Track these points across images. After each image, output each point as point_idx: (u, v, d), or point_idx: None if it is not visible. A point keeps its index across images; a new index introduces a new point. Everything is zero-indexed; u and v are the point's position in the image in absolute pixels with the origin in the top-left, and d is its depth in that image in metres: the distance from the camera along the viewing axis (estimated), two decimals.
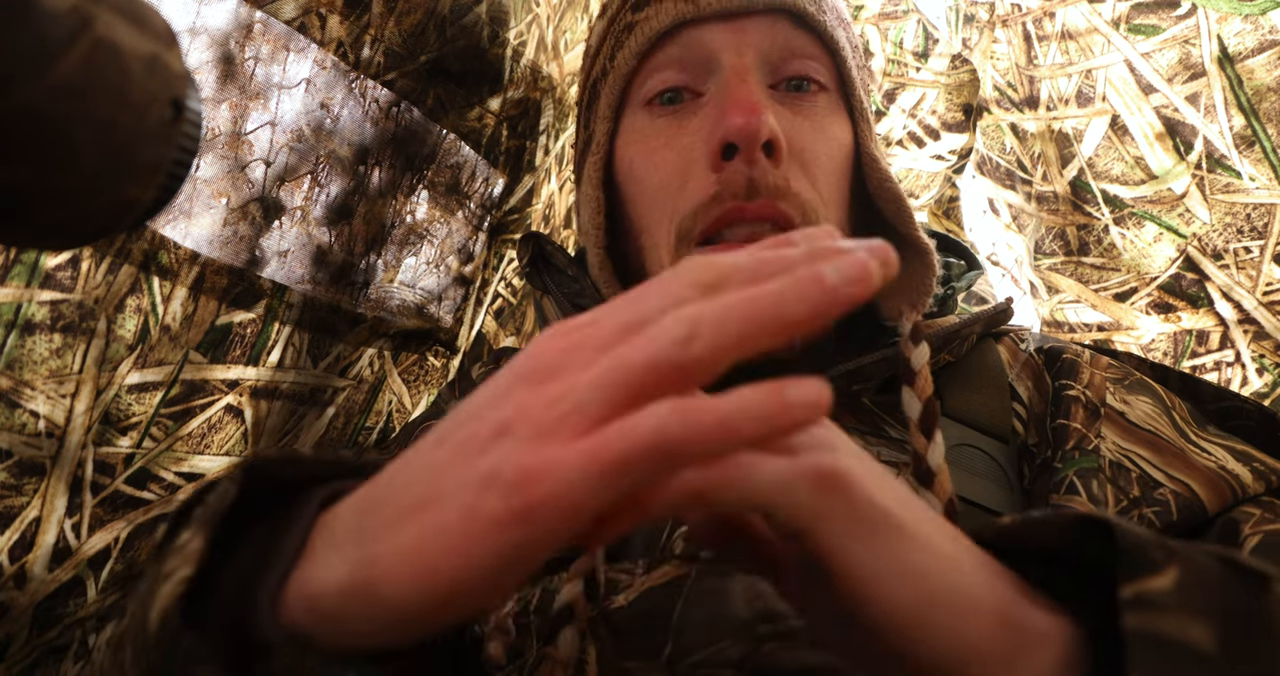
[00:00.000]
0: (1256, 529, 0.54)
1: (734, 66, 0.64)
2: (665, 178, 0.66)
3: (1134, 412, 0.63)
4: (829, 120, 0.66)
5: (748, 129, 0.60)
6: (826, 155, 0.65)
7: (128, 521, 0.69)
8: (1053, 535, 0.34)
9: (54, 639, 0.68)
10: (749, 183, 0.61)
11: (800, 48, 0.66)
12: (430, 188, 0.92)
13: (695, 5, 0.65)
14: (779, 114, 0.64)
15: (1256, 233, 0.88)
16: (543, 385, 0.30)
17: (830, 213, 0.65)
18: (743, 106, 0.60)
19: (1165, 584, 0.29)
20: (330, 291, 0.82)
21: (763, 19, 0.65)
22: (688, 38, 0.66)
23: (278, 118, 0.73)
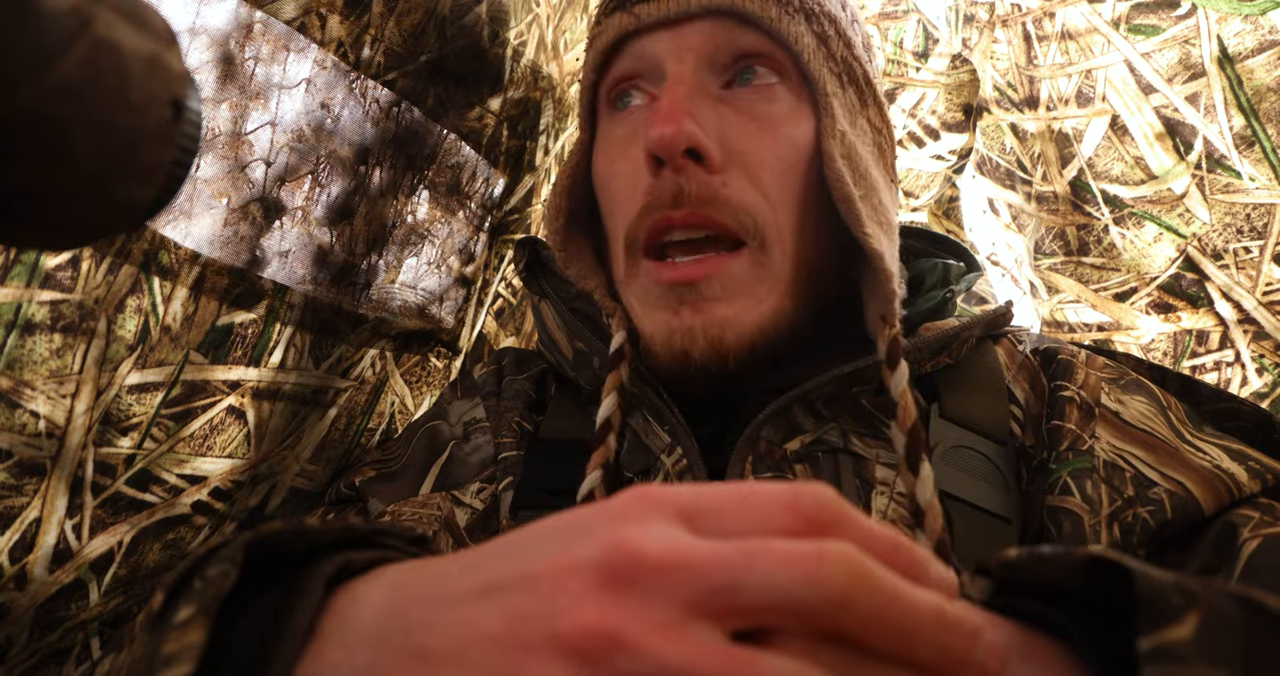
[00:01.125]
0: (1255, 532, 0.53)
1: (673, 74, 0.65)
2: (619, 185, 0.67)
3: (1129, 412, 0.63)
4: (784, 118, 0.66)
5: (664, 139, 0.60)
6: (775, 156, 0.64)
7: (130, 524, 0.69)
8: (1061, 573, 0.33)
9: (55, 642, 0.68)
10: (676, 190, 0.62)
11: (748, 45, 0.65)
12: (431, 188, 0.92)
13: (635, 17, 0.66)
14: (721, 116, 0.64)
15: (1256, 233, 0.88)
16: (618, 609, 0.27)
17: (781, 216, 0.64)
18: (662, 116, 0.61)
19: (1186, 633, 0.28)
20: (332, 292, 0.82)
21: (703, 22, 0.65)
22: (635, 48, 0.67)
23: (278, 118, 0.73)
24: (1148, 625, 0.29)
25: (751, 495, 0.30)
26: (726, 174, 0.63)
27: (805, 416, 0.64)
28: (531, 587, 0.29)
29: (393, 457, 0.78)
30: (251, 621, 0.34)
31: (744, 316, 0.63)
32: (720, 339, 0.62)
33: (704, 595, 0.27)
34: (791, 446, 0.62)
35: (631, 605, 0.27)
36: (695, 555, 0.28)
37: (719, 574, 0.27)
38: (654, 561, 0.27)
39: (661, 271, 0.63)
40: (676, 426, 0.64)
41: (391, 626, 0.31)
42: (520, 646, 0.27)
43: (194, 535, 0.75)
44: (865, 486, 0.60)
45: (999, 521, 0.60)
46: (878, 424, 0.64)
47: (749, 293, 0.63)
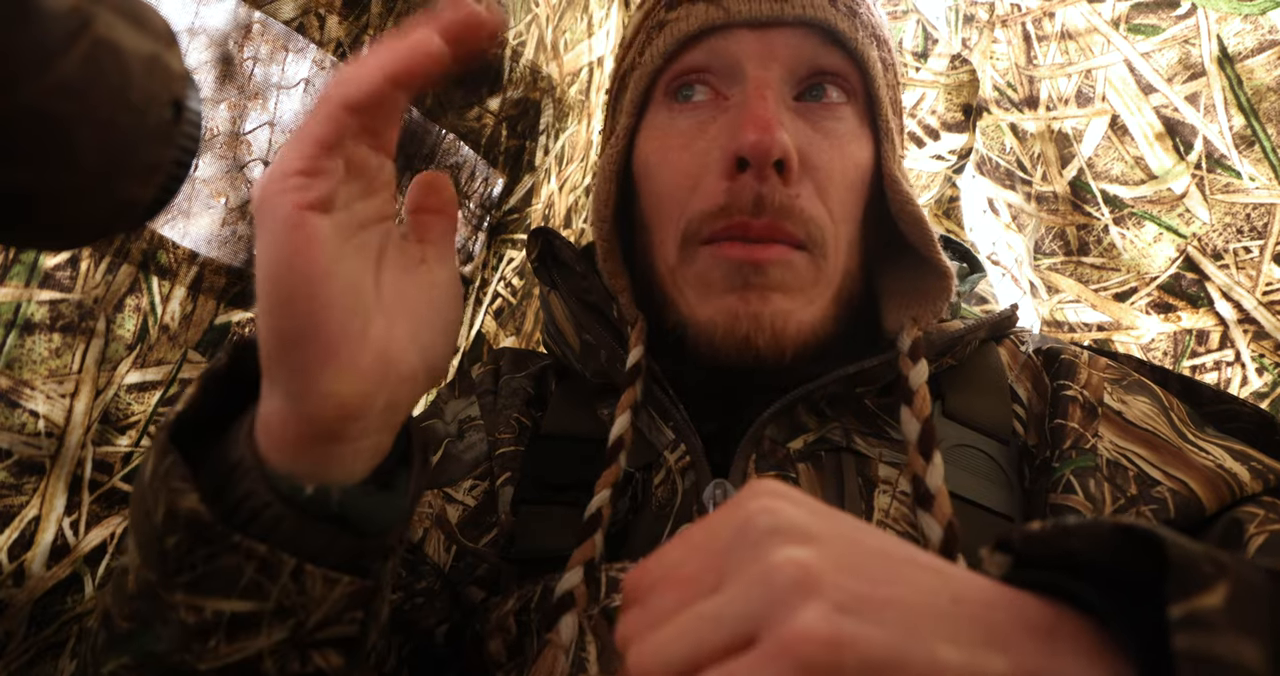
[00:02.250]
0: (1261, 528, 0.54)
1: (757, 79, 0.64)
2: (678, 178, 0.66)
3: (1132, 412, 0.63)
4: (849, 137, 0.66)
5: (760, 146, 0.60)
6: (841, 172, 0.64)
7: (124, 517, 0.69)
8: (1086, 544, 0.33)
9: (51, 635, 0.68)
10: (757, 198, 0.61)
11: (828, 62, 0.65)
12: None
13: (725, 11, 0.65)
14: (797, 129, 0.64)
15: (1256, 232, 0.88)
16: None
17: (840, 230, 0.64)
18: (758, 123, 0.60)
19: (1216, 601, 0.28)
20: None
21: (792, 31, 0.64)
22: (715, 43, 0.66)
23: (276, 118, 0.73)
24: (1178, 592, 0.29)
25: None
26: (800, 186, 0.63)
27: (809, 415, 0.64)
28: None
29: None
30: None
31: (800, 313, 0.63)
32: (784, 331, 0.62)
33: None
34: (795, 445, 0.62)
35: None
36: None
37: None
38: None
39: (727, 249, 0.63)
40: (681, 423, 0.63)
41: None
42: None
43: None
44: (868, 485, 0.60)
45: (1002, 520, 0.60)
46: (880, 423, 0.64)
47: (806, 290, 0.64)
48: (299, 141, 0.41)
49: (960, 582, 0.32)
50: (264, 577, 0.44)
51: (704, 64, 0.67)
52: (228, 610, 0.44)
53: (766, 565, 0.30)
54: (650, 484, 0.64)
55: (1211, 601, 0.28)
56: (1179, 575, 0.29)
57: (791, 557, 0.30)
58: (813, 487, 0.60)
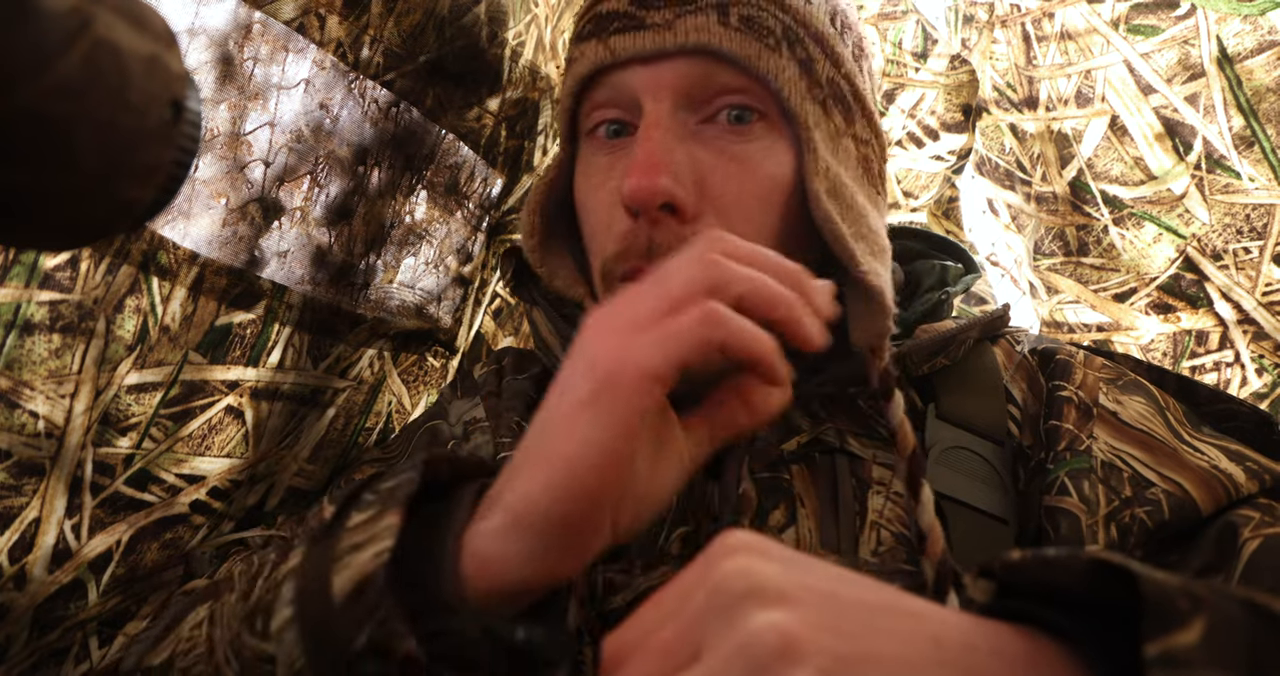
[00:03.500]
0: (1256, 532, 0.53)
1: (649, 115, 0.63)
2: (597, 218, 0.67)
3: (1127, 413, 0.63)
4: (760, 156, 0.64)
5: (640, 194, 0.59)
6: (754, 196, 0.63)
7: (129, 524, 0.69)
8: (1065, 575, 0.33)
9: (54, 641, 0.68)
10: (648, 242, 0.61)
11: (725, 82, 0.63)
12: (429, 188, 0.92)
13: (611, 51, 0.64)
14: (698, 157, 0.62)
15: (1256, 233, 0.88)
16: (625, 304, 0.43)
17: None
18: (640, 169, 0.60)
19: (1192, 638, 0.28)
20: (330, 292, 0.82)
21: (680, 60, 0.63)
22: (612, 81, 0.65)
23: (277, 118, 0.73)
24: (1154, 630, 0.29)
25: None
26: (699, 221, 0.61)
27: (802, 417, 0.64)
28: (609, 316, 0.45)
29: (392, 456, 0.78)
30: (416, 525, 0.45)
31: None
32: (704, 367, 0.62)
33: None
34: (788, 446, 0.62)
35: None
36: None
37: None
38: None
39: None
40: None
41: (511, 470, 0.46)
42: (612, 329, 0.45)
43: (192, 534, 0.75)
44: (862, 485, 0.61)
45: (996, 522, 0.60)
46: (874, 424, 0.64)
47: None
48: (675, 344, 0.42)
49: (938, 624, 0.31)
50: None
51: (609, 101, 0.66)
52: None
53: (745, 634, 0.29)
54: None
55: (1187, 638, 0.28)
56: (1154, 611, 0.29)
57: (770, 623, 0.29)
58: (806, 489, 0.60)
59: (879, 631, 0.30)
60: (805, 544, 0.58)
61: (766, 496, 0.60)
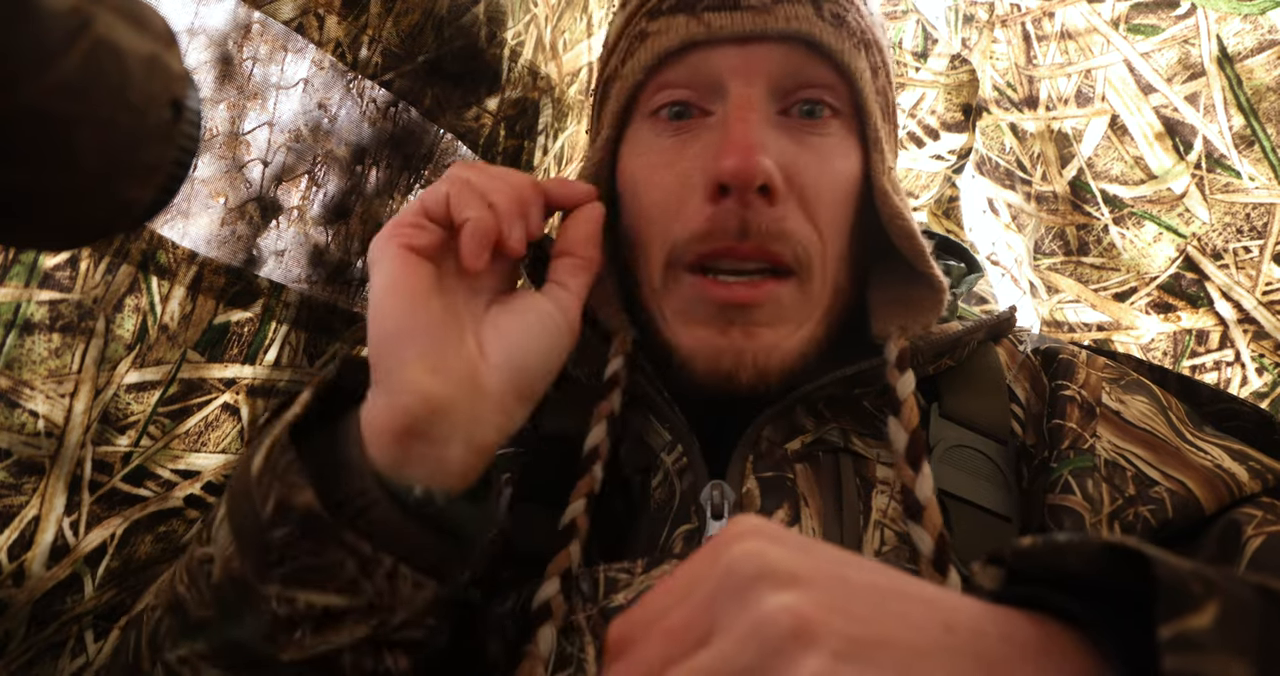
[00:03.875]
0: (1259, 530, 0.53)
1: (739, 97, 0.62)
2: (662, 198, 0.65)
3: (1130, 412, 0.63)
4: (836, 151, 0.64)
5: (742, 174, 0.58)
6: (830, 188, 0.63)
7: (124, 518, 0.69)
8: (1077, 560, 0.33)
9: (51, 636, 0.68)
10: (741, 224, 0.60)
11: (814, 75, 0.63)
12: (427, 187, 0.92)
13: (707, 27, 0.63)
14: (781, 146, 0.62)
15: (1256, 232, 0.88)
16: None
17: (829, 247, 0.63)
18: (739, 148, 0.59)
19: (1205, 621, 0.28)
20: (327, 290, 0.82)
21: (776, 45, 0.62)
22: (697, 59, 0.64)
23: (275, 117, 0.73)
24: (1168, 613, 0.28)
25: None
26: (786, 206, 0.61)
27: (806, 416, 0.63)
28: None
29: None
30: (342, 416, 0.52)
31: (786, 342, 0.62)
32: (767, 364, 0.61)
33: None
34: (792, 446, 0.62)
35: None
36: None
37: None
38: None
39: (712, 289, 0.62)
40: (678, 425, 0.63)
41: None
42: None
43: (185, 528, 0.75)
44: (865, 485, 0.60)
45: (999, 520, 0.60)
46: (878, 424, 0.64)
47: (793, 319, 0.63)
48: (412, 204, 0.54)
49: (949, 610, 0.31)
50: (361, 575, 0.47)
51: (686, 80, 0.65)
52: (320, 603, 0.48)
53: (758, 615, 0.29)
54: (648, 486, 0.63)
55: (1201, 622, 0.28)
56: (1168, 595, 0.29)
57: (783, 605, 0.29)
58: (810, 488, 0.60)
59: (890, 615, 0.30)
60: None
61: (770, 496, 0.59)
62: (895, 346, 0.61)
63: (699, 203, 0.62)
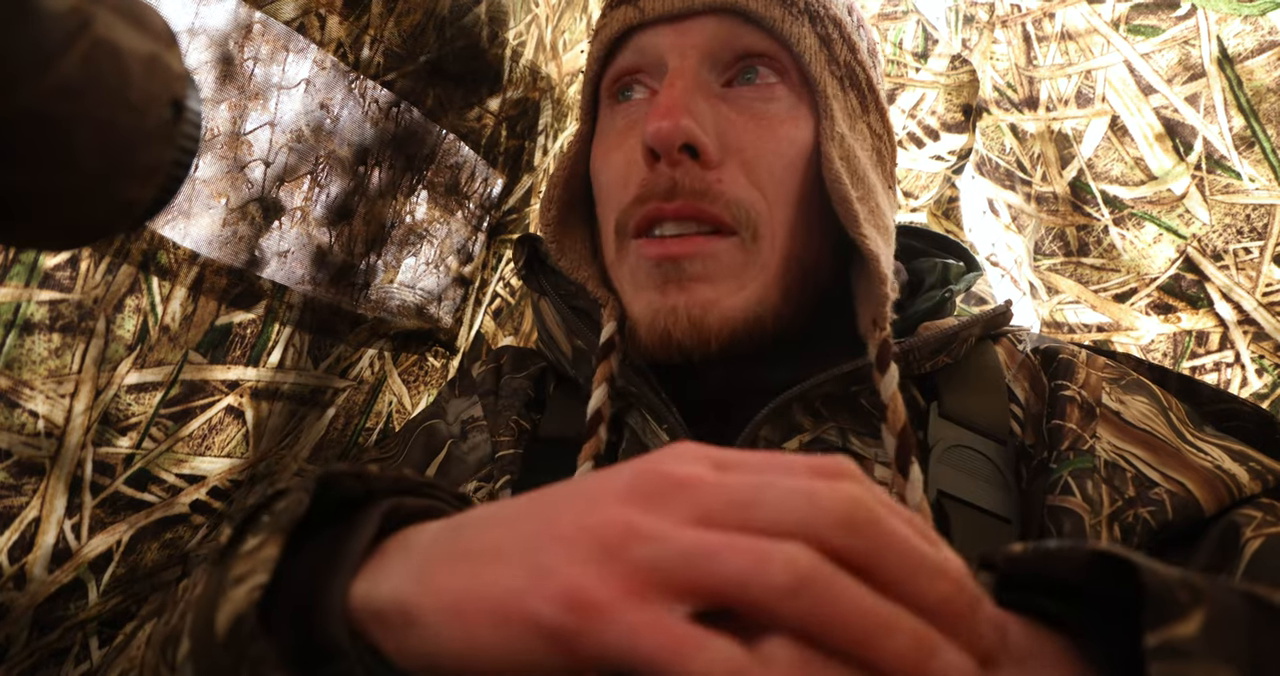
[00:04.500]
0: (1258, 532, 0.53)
1: (674, 70, 0.65)
2: (613, 175, 0.68)
3: (1130, 412, 0.63)
4: (781, 118, 0.66)
5: (660, 133, 0.60)
6: (774, 153, 0.65)
7: (129, 524, 0.69)
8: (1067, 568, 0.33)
9: (54, 641, 0.68)
10: (670, 184, 0.62)
11: (751, 44, 0.66)
12: (430, 188, 0.92)
13: (641, 11, 0.67)
14: (720, 113, 0.64)
15: (1256, 233, 0.88)
16: (644, 512, 0.31)
17: (776, 212, 0.65)
18: (661, 112, 0.61)
19: (1192, 629, 0.29)
20: (330, 292, 0.82)
21: (708, 19, 0.66)
22: (638, 41, 0.68)
23: (277, 118, 0.73)
24: (1154, 621, 0.29)
25: (776, 456, 0.33)
26: (722, 169, 0.63)
27: (804, 416, 0.64)
28: (571, 500, 0.33)
29: (390, 456, 0.78)
30: (314, 546, 0.39)
31: (726, 300, 0.63)
32: (702, 320, 0.62)
33: (721, 506, 0.30)
34: (790, 446, 0.62)
35: (653, 507, 0.31)
36: (719, 478, 0.31)
37: (737, 492, 0.30)
38: (679, 477, 0.31)
39: (648, 247, 0.64)
40: (675, 425, 0.63)
41: (446, 534, 0.36)
42: (549, 538, 0.31)
43: (192, 534, 0.75)
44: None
45: (998, 521, 0.60)
46: (876, 423, 0.64)
47: (733, 277, 0.63)
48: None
49: None
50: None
51: (634, 64, 0.69)
52: None
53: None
54: None
55: (1187, 630, 0.29)
56: (1154, 603, 0.29)
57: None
58: None
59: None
60: None
61: None
62: (873, 343, 0.61)
63: (638, 172, 0.65)
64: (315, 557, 0.38)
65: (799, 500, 0.29)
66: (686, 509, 0.30)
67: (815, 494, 0.29)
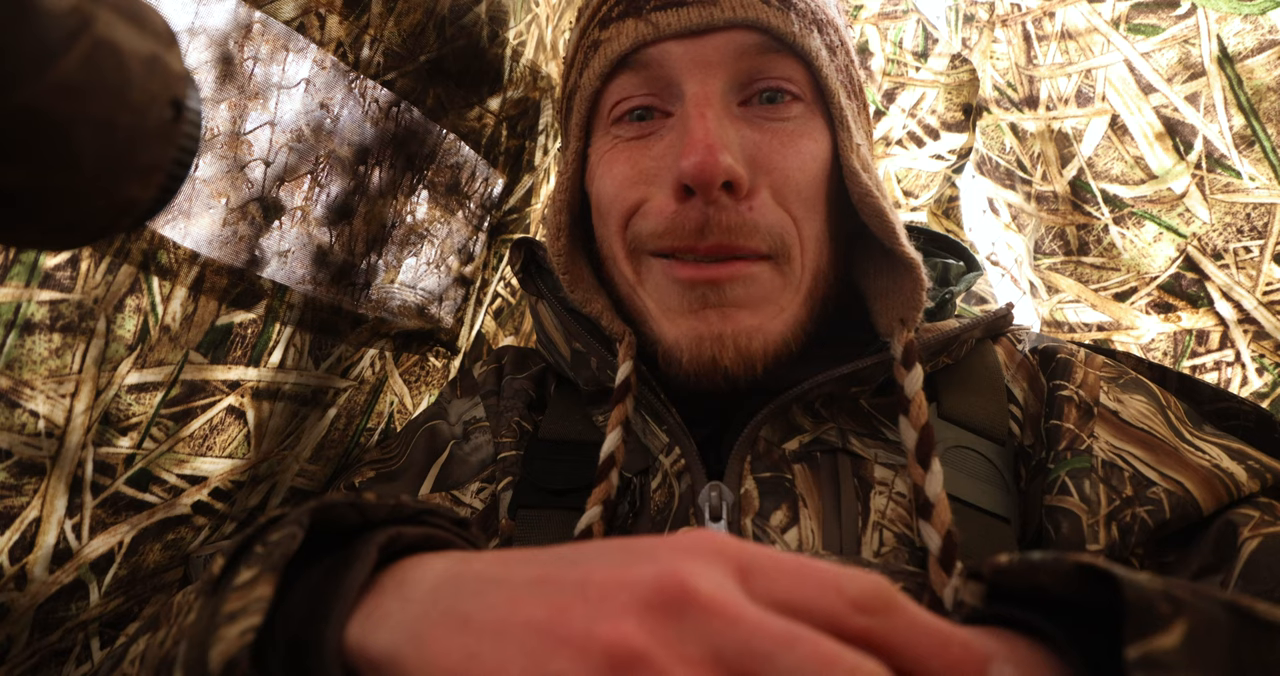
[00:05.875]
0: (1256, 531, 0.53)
1: (695, 95, 0.62)
2: (620, 192, 0.65)
3: (1128, 412, 0.63)
4: (801, 133, 0.64)
5: (702, 173, 0.58)
6: (799, 170, 0.63)
7: (131, 525, 0.69)
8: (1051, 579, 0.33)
9: (55, 642, 0.68)
10: (702, 221, 0.60)
11: (769, 63, 0.63)
12: (430, 188, 0.92)
13: (654, 27, 0.63)
14: (745, 136, 0.62)
15: (1256, 232, 0.88)
16: (658, 635, 0.29)
17: (805, 229, 0.64)
18: (699, 148, 0.59)
19: (1173, 641, 0.29)
20: (331, 292, 0.82)
21: (725, 35, 0.63)
22: (649, 58, 0.64)
23: (277, 118, 0.73)
24: (1134, 633, 0.29)
25: (809, 569, 0.31)
26: (754, 197, 0.61)
27: (803, 416, 0.63)
28: (583, 590, 0.31)
29: (392, 457, 0.78)
30: (309, 579, 0.38)
31: (769, 325, 0.62)
32: (749, 348, 0.61)
33: (736, 652, 0.28)
34: (790, 446, 0.62)
35: (668, 633, 0.29)
36: (742, 611, 0.29)
37: (760, 640, 0.28)
38: (703, 601, 0.29)
39: (679, 269, 0.62)
40: (675, 427, 0.63)
41: (446, 590, 0.34)
42: (556, 637, 0.29)
43: (194, 535, 0.75)
44: (864, 486, 0.60)
45: (998, 521, 0.60)
46: (876, 424, 0.64)
47: (773, 301, 0.63)
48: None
49: None
50: None
51: (643, 84, 0.65)
52: None
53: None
54: (648, 488, 0.64)
55: (1168, 642, 0.29)
56: (1135, 615, 0.30)
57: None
58: (808, 489, 0.60)
59: None
60: (808, 545, 0.58)
61: (768, 497, 0.59)
62: (900, 342, 0.61)
63: (663, 200, 0.62)
64: (311, 592, 0.38)
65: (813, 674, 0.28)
66: (702, 643, 0.29)
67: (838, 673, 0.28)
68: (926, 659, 0.29)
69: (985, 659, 0.30)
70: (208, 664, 0.36)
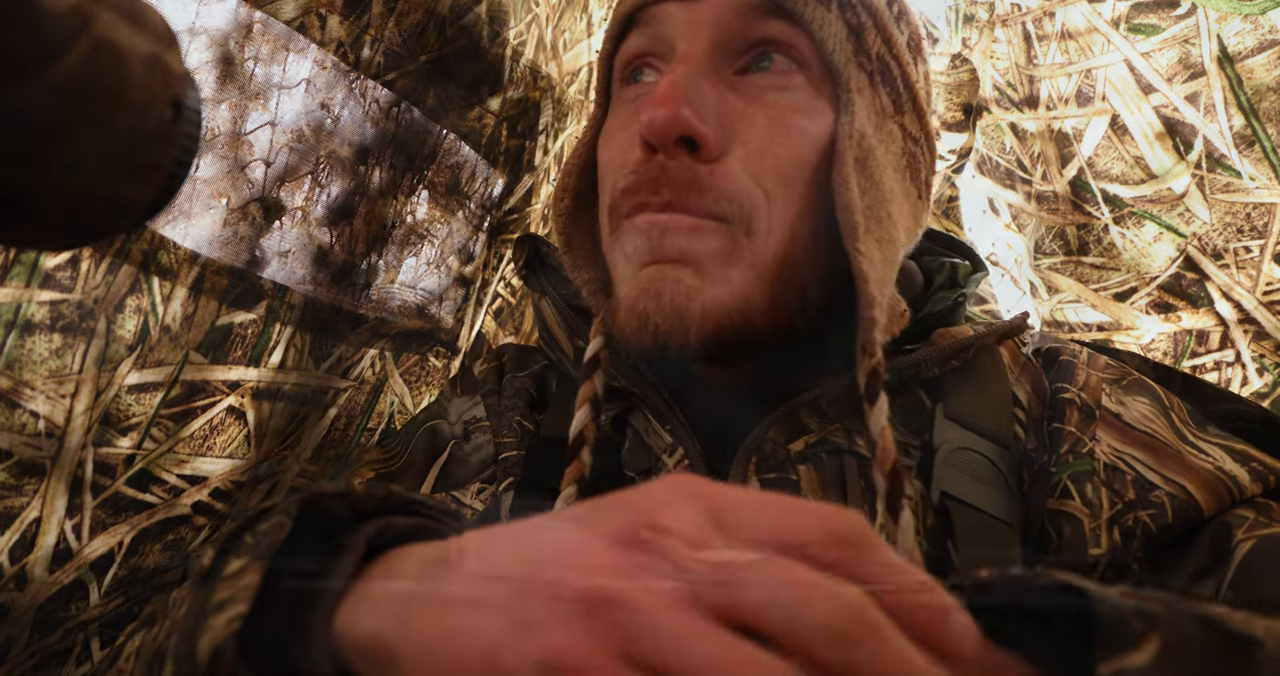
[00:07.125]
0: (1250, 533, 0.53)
1: (681, 54, 0.61)
2: (611, 158, 0.65)
3: (1130, 414, 0.63)
4: (797, 108, 0.61)
5: (655, 125, 0.57)
6: (782, 145, 0.60)
7: (131, 525, 0.69)
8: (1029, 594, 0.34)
9: (55, 642, 0.68)
10: (658, 176, 0.59)
11: (764, 28, 0.61)
12: (430, 188, 0.92)
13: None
14: (727, 101, 0.60)
15: (1256, 232, 0.88)
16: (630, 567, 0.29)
17: (775, 207, 0.60)
18: (657, 100, 0.57)
19: (1144, 659, 0.29)
20: (331, 292, 0.82)
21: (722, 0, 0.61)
22: (650, 16, 0.64)
23: (278, 118, 0.73)
24: (1106, 651, 0.29)
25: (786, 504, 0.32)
26: (721, 163, 0.59)
27: (810, 417, 0.63)
28: (559, 545, 0.31)
29: (392, 457, 0.78)
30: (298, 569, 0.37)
31: (710, 290, 0.58)
32: (685, 307, 0.58)
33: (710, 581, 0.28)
34: (796, 447, 0.62)
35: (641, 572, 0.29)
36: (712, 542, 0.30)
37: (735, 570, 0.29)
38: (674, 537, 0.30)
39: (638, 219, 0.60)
40: (678, 427, 0.63)
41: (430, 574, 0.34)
42: (530, 589, 0.30)
43: (194, 535, 0.75)
44: (870, 488, 0.60)
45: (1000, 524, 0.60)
46: None
47: (719, 265, 0.59)
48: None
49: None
50: None
51: (645, 46, 0.65)
52: None
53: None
54: None
55: (1139, 659, 0.29)
56: (1107, 633, 0.30)
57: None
58: (814, 490, 0.60)
59: None
60: None
61: None
62: (862, 374, 0.56)
63: (634, 158, 0.61)
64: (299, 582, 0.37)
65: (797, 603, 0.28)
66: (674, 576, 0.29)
67: (810, 601, 0.28)
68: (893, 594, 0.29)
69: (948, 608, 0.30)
70: (196, 654, 0.36)
